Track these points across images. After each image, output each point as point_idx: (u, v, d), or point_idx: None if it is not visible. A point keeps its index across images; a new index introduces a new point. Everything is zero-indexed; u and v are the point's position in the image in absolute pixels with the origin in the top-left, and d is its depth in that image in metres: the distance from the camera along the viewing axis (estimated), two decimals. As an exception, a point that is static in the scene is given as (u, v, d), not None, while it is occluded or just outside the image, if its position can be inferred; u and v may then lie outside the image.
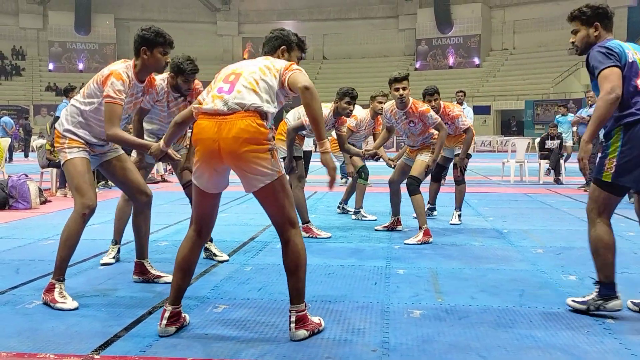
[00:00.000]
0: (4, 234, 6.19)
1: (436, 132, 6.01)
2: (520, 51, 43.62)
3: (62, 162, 3.75)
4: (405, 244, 5.57)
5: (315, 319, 3.14)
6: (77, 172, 3.67)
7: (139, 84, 3.82)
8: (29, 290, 3.87)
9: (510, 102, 37.43)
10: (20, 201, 8.12)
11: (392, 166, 6.41)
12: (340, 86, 6.16)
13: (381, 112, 6.53)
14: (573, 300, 3.43)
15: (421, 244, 5.57)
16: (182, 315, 3.19)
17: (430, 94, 6.42)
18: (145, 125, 4.64)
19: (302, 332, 3.00)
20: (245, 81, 3.00)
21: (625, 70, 3.21)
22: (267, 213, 3.09)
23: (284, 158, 6.04)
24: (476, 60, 44.14)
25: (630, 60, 3.25)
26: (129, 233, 4.40)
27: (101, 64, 45.01)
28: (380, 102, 6.76)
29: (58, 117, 6.31)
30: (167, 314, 3.08)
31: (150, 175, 12.93)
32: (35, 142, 11.29)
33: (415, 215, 5.96)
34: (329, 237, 5.95)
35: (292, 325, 3.00)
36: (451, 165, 7.06)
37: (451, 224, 6.77)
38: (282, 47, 3.31)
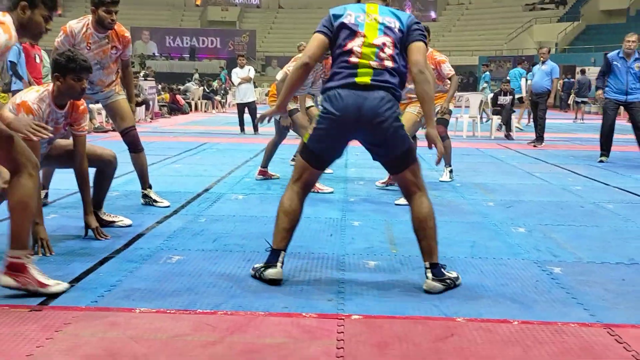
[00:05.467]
0: None
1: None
2: (476, 6, 43.73)
3: None
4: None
5: (39, 277, 2.83)
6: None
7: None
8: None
9: (465, 58, 37.67)
10: None
11: None
12: (296, 38, 6.03)
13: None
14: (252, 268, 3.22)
15: None
16: None
17: None
18: None
19: (6, 279, 2.80)
20: None
21: (338, 33, 3.01)
22: None
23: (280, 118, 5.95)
24: (432, 14, 44.06)
25: (350, 22, 2.99)
26: (69, 183, 4.24)
27: None
28: None
29: (12, 62, 5.70)
30: None
31: (98, 124, 12.57)
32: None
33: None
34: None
35: (2, 268, 2.85)
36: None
37: (441, 181, 6.59)
38: (23, 3, 2.89)
